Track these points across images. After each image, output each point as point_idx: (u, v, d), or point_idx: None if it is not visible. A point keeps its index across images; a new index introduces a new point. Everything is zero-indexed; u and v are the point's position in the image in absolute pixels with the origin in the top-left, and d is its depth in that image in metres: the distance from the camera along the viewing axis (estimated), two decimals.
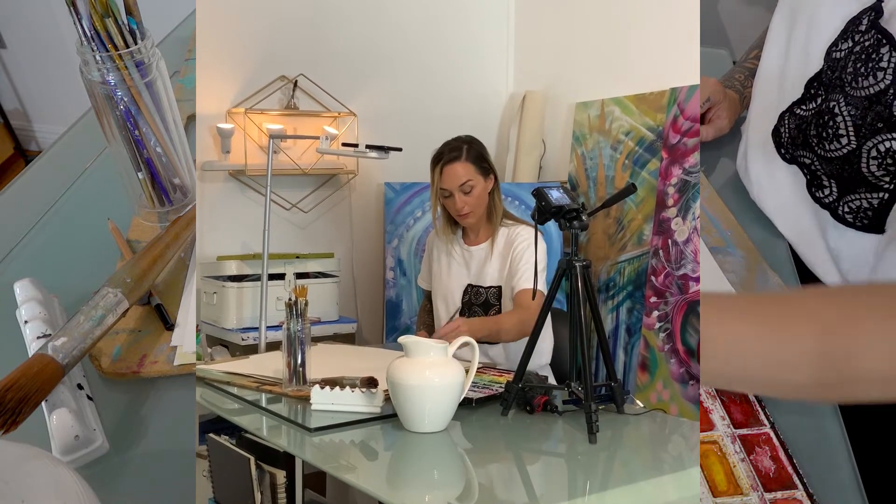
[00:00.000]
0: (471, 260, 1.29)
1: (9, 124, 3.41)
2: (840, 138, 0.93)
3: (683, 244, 1.46)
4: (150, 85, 1.01)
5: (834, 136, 0.93)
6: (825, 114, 0.95)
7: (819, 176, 1.01)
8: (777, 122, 1.08)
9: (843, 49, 0.94)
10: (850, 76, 0.91)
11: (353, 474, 0.69)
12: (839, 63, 0.94)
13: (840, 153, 0.93)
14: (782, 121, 1.07)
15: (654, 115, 1.57)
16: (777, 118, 1.08)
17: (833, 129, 0.93)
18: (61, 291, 0.97)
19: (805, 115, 1.02)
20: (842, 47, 0.94)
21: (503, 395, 0.88)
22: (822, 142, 0.96)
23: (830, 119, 0.94)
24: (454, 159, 1.24)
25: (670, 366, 1.46)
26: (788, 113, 1.05)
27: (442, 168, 1.24)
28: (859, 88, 0.89)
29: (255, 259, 1.59)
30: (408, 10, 1.93)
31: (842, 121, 0.92)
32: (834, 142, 0.94)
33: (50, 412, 0.75)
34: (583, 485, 0.70)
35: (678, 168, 1.49)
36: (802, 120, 1.02)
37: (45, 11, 2.96)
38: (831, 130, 0.94)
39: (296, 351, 0.95)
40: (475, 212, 1.25)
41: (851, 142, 0.92)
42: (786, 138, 1.07)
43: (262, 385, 0.99)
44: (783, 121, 1.07)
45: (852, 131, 0.91)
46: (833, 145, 0.94)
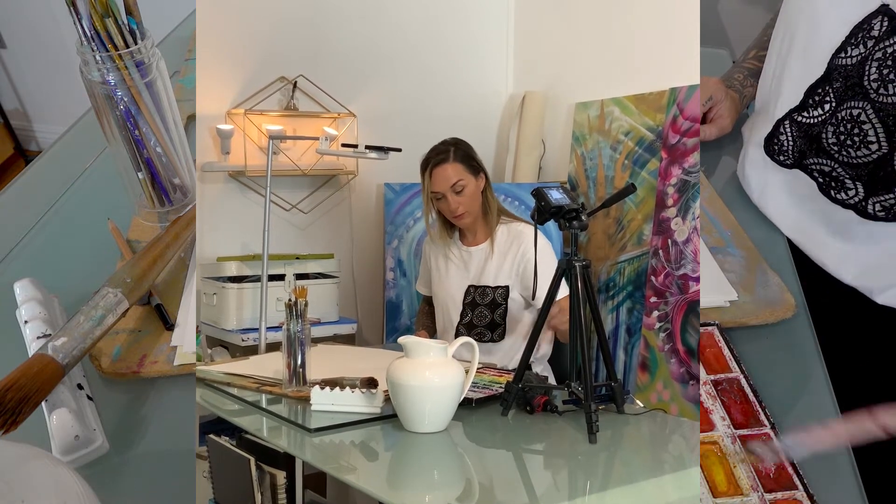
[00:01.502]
0: (470, 261, 1.29)
1: (9, 124, 3.41)
2: (870, 145, 0.93)
3: (683, 244, 1.46)
4: (150, 85, 1.01)
5: (862, 143, 0.94)
6: (847, 122, 0.95)
7: (842, 180, 1.00)
8: (772, 130, 1.08)
9: (853, 56, 0.94)
10: (875, 83, 0.90)
11: (353, 475, 0.69)
12: (853, 70, 0.94)
13: (870, 158, 0.94)
14: (780, 128, 1.07)
15: (654, 116, 1.57)
16: (773, 125, 1.08)
17: (860, 136, 0.93)
18: (61, 291, 0.97)
19: (811, 123, 1.02)
20: (852, 53, 0.94)
21: (503, 396, 0.88)
22: (844, 149, 0.96)
23: (855, 127, 0.94)
24: (442, 161, 1.24)
25: (670, 366, 1.46)
26: (788, 120, 1.05)
27: (431, 171, 1.25)
28: (888, 95, 0.89)
29: (254, 260, 1.59)
30: (407, 11, 1.93)
31: (870, 128, 0.92)
32: (862, 148, 0.94)
33: (50, 412, 0.75)
34: (583, 485, 0.70)
35: (678, 168, 1.49)
36: (809, 127, 1.02)
37: (45, 11, 2.96)
38: (858, 138, 0.94)
39: (296, 352, 0.95)
40: (469, 211, 1.26)
41: (883, 147, 0.92)
42: (788, 145, 1.06)
43: (262, 386, 0.99)
44: (781, 128, 1.07)
45: (883, 137, 0.91)
46: (861, 152, 0.94)
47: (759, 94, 1.19)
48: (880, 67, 0.90)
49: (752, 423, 0.83)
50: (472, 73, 2.04)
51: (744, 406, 0.85)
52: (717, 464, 0.78)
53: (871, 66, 0.91)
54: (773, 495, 0.74)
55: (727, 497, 0.75)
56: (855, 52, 0.93)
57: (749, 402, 0.86)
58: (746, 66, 1.37)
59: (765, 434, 0.81)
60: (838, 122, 0.96)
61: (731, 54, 1.78)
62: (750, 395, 0.86)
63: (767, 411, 0.84)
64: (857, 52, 0.93)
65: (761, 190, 1.17)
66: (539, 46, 2.02)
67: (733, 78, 1.37)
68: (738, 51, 1.74)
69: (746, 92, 1.33)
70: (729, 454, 0.79)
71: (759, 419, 0.83)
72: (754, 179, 1.17)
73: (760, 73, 1.19)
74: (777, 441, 0.80)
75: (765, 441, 0.80)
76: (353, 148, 1.41)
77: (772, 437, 0.81)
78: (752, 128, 1.20)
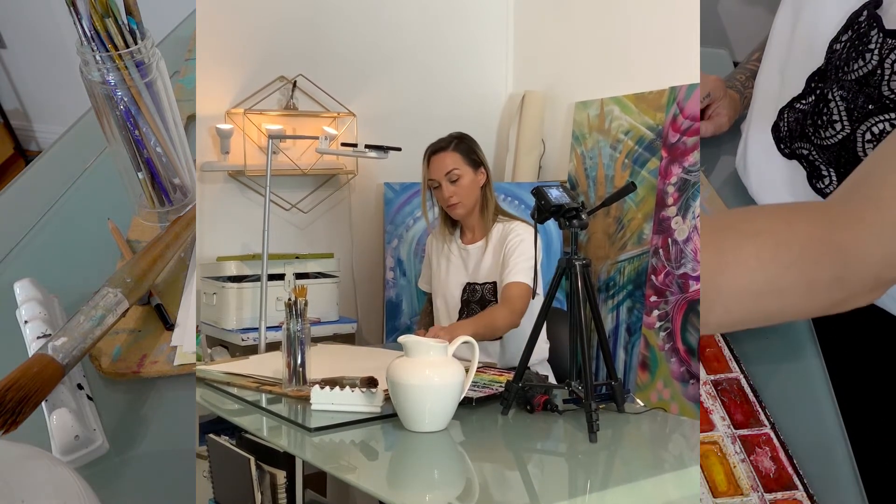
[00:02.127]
0: (468, 259, 1.30)
1: (9, 124, 3.41)
2: (834, 124, 0.93)
3: (683, 243, 1.46)
4: (150, 85, 1.00)
5: (828, 122, 0.93)
6: (820, 101, 0.95)
7: (818, 166, 1.00)
8: (777, 118, 1.08)
9: (842, 41, 0.94)
10: (842, 62, 0.91)
11: (353, 474, 0.69)
12: (840, 55, 0.94)
13: (835, 139, 0.93)
14: (782, 116, 1.07)
15: (654, 115, 1.57)
16: (777, 114, 1.08)
17: (827, 115, 0.93)
18: (61, 291, 0.97)
19: (804, 109, 1.02)
20: (842, 39, 0.94)
21: (503, 395, 0.88)
22: (817, 130, 0.96)
23: (825, 106, 0.94)
24: (441, 149, 1.27)
25: (671, 365, 1.46)
26: (788, 108, 1.05)
27: (429, 158, 1.28)
28: (850, 72, 0.89)
29: (254, 259, 1.59)
30: (407, 10, 1.93)
31: (835, 106, 0.92)
32: (829, 128, 0.94)
33: (50, 412, 0.75)
34: (583, 484, 0.70)
35: (678, 167, 1.49)
36: (801, 113, 1.02)
37: (45, 11, 2.96)
38: (826, 118, 0.94)
39: (295, 351, 0.95)
40: (463, 203, 1.26)
41: (845, 127, 0.92)
42: (784, 133, 1.07)
43: (261, 385, 0.99)
44: (783, 116, 1.07)
45: (845, 116, 0.91)
46: (828, 132, 0.94)
47: (758, 86, 1.19)
48: (849, 48, 0.90)
49: (752, 423, 0.83)
50: (472, 72, 2.04)
51: (744, 406, 0.85)
52: (718, 464, 0.78)
53: (846, 48, 0.91)
54: (773, 495, 0.74)
55: (727, 497, 0.75)
56: (844, 37, 0.94)
57: (749, 402, 0.85)
58: (749, 68, 1.37)
59: (765, 434, 0.81)
60: (816, 104, 0.97)
61: (731, 54, 1.78)
62: (750, 395, 0.86)
63: (767, 411, 0.84)
64: (846, 37, 0.93)
65: (759, 181, 1.17)
66: (539, 45, 2.02)
67: (735, 79, 1.37)
68: (737, 51, 1.74)
69: (747, 93, 1.33)
70: (729, 454, 0.79)
71: (759, 419, 0.83)
72: (753, 170, 1.17)
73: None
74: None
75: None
76: (353, 147, 1.41)
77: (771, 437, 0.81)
78: (749, 119, 1.20)
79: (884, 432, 0.94)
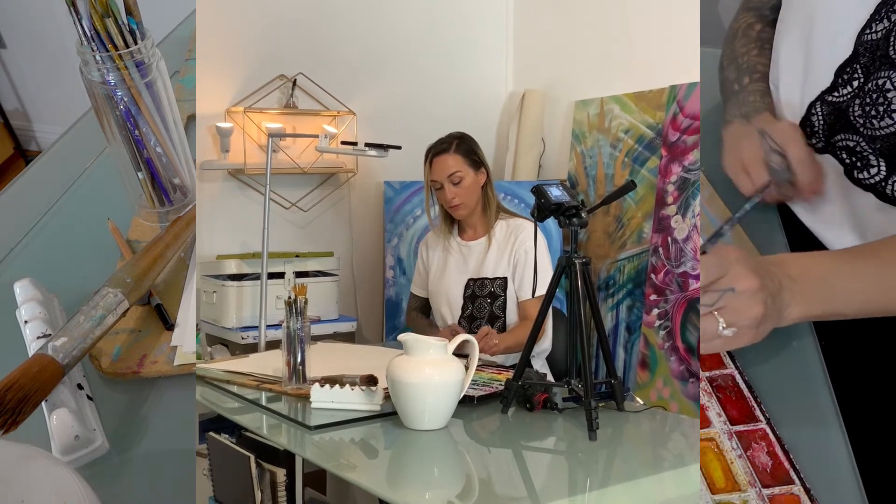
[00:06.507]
0: (469, 255, 1.30)
1: (9, 124, 3.41)
2: (893, 114, 0.93)
3: (683, 242, 1.46)
4: (150, 85, 1.01)
5: (886, 111, 0.94)
6: (873, 92, 0.95)
7: (866, 157, 1.00)
8: (805, 113, 1.08)
9: (878, 31, 0.95)
10: (894, 50, 0.91)
11: (353, 472, 0.69)
12: (879, 43, 0.94)
13: (894, 129, 0.94)
14: (812, 109, 1.07)
15: (654, 113, 1.57)
16: (805, 109, 1.07)
17: (885, 104, 0.93)
18: (61, 291, 0.97)
19: (840, 101, 1.02)
20: (876, 29, 0.95)
21: (503, 393, 0.88)
22: (869, 120, 0.96)
23: (880, 96, 0.94)
24: (443, 151, 1.29)
25: (670, 363, 1.46)
26: (819, 101, 1.05)
27: (432, 160, 1.29)
28: None
29: (254, 258, 1.59)
30: (407, 9, 1.93)
31: (895, 96, 0.92)
32: (886, 118, 0.94)
33: (50, 412, 0.75)
34: (583, 482, 0.70)
35: (678, 166, 1.49)
36: (838, 106, 1.02)
37: (45, 11, 2.96)
38: (882, 107, 0.94)
39: (295, 349, 0.96)
40: (466, 203, 1.28)
41: None
42: (819, 126, 1.06)
43: (261, 384, 1.00)
44: (813, 109, 1.06)
45: None
46: (885, 122, 0.94)
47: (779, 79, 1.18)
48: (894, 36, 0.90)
49: (747, 419, 0.83)
50: (471, 71, 2.04)
51: (739, 402, 0.85)
52: (715, 460, 0.78)
53: (895, 37, 0.92)
54: (770, 490, 0.74)
55: (725, 493, 0.75)
56: (879, 26, 0.94)
57: (744, 398, 0.86)
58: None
59: (761, 430, 0.81)
60: (865, 95, 0.97)
61: None
62: (745, 390, 0.86)
63: (763, 407, 0.84)
64: (882, 26, 0.94)
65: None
66: (539, 44, 2.02)
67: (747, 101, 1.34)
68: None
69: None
70: (726, 450, 0.79)
71: (754, 415, 0.83)
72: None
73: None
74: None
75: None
76: (353, 146, 1.41)
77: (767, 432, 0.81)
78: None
79: (881, 424, 0.94)
